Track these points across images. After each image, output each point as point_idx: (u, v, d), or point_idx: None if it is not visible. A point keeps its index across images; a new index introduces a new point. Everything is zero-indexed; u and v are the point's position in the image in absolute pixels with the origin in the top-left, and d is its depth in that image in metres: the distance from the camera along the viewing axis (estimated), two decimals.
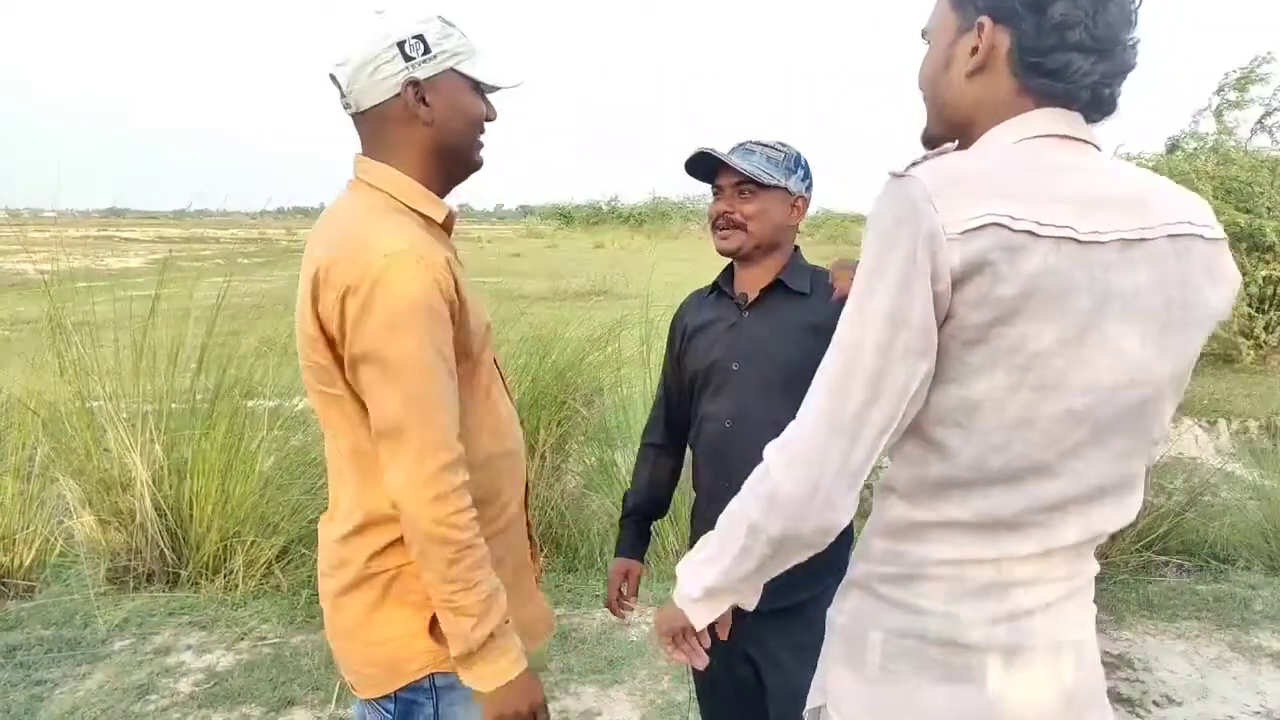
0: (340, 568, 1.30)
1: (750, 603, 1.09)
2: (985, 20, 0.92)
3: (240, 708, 2.75)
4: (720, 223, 1.70)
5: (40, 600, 3.46)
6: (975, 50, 0.93)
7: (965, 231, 0.82)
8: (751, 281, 1.73)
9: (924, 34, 1.03)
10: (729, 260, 1.79)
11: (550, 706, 2.74)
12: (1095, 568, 1.00)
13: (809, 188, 1.74)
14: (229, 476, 3.55)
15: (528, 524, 1.48)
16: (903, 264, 0.83)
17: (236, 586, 3.51)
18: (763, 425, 1.66)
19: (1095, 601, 1.01)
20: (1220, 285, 0.93)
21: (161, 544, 3.53)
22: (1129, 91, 0.95)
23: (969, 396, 0.86)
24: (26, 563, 3.55)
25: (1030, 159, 0.89)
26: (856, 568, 1.01)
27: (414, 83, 1.25)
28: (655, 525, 4.17)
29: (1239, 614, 3.43)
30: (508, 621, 1.23)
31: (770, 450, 0.93)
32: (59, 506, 3.77)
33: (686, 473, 1.91)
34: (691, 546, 1.82)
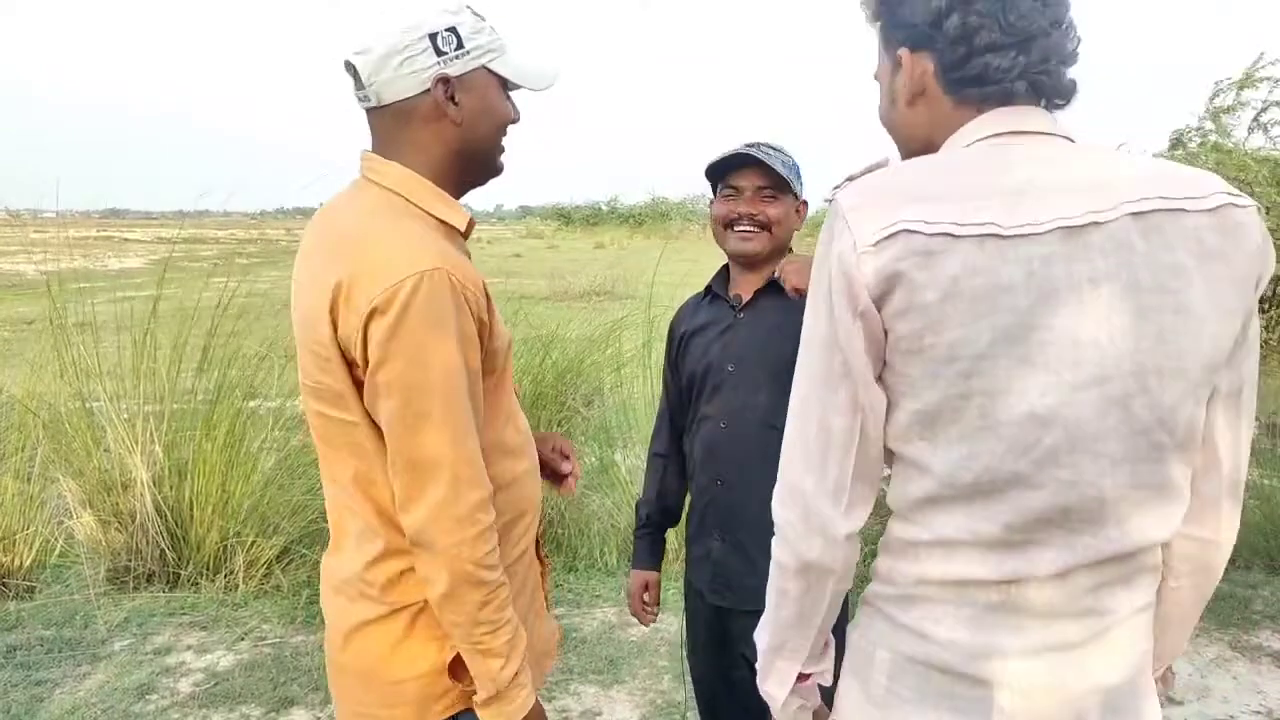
0: (358, 600, 1.21)
1: (819, 667, 1.03)
2: (903, 52, 0.95)
3: (240, 708, 2.75)
4: (744, 224, 1.68)
5: (40, 600, 3.46)
6: (906, 83, 0.96)
7: (877, 243, 0.82)
8: (748, 284, 1.74)
9: (875, 77, 1.04)
10: (725, 261, 1.80)
11: (551, 706, 2.75)
12: (1144, 598, 0.91)
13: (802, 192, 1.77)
14: (229, 477, 3.55)
15: (538, 542, 1.41)
16: (825, 287, 0.86)
17: (237, 587, 3.51)
18: (758, 426, 1.68)
19: None
20: (1213, 259, 0.82)
21: (162, 544, 3.53)
22: (1133, 88, 0.94)
23: (923, 409, 0.85)
24: (27, 563, 3.55)
25: (970, 160, 0.88)
26: (868, 586, 1.00)
27: (445, 79, 1.16)
28: None
29: (1239, 613, 3.43)
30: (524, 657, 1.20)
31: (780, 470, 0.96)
32: (59, 507, 3.77)
33: None
34: (689, 543, 1.84)
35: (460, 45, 1.17)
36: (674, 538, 3.79)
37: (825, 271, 0.86)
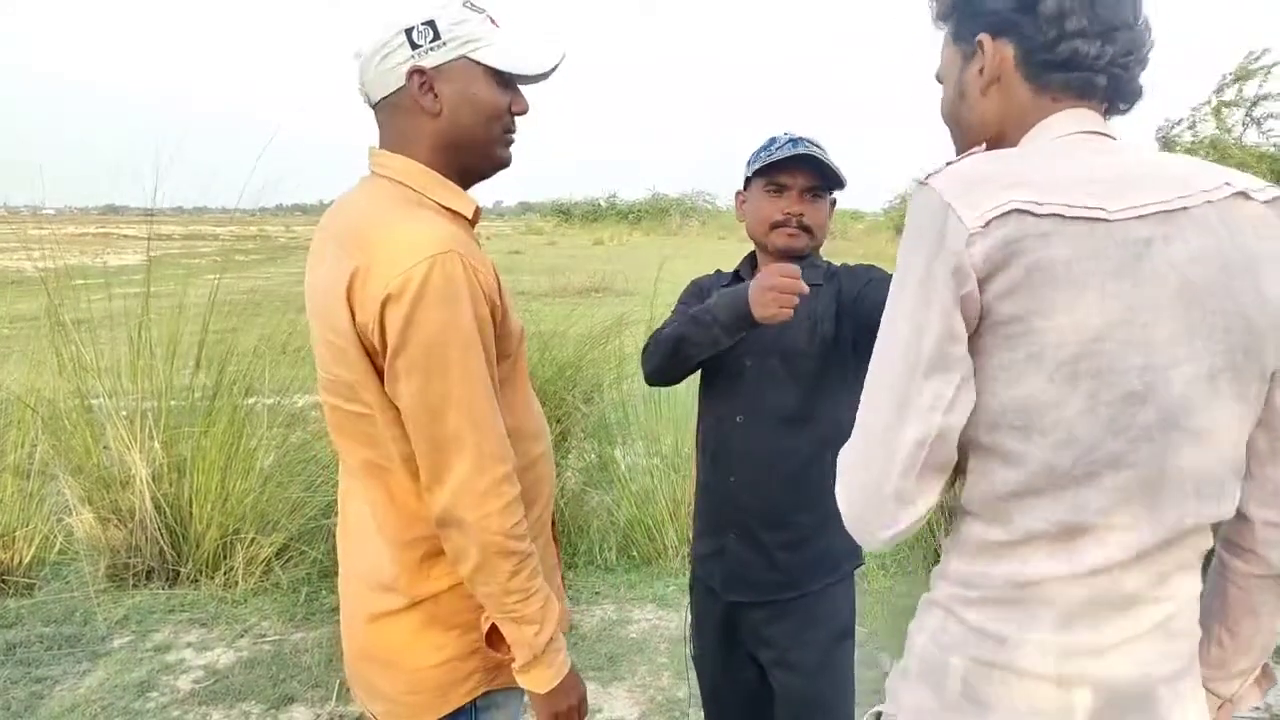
0: (378, 591, 1.24)
1: None
2: (984, 38, 0.94)
3: (240, 705, 2.75)
4: (790, 226, 1.67)
5: (40, 597, 3.46)
6: (983, 70, 0.95)
7: (988, 223, 0.80)
8: None
9: (937, 77, 1.04)
10: (751, 249, 1.78)
11: None
12: (1198, 585, 0.93)
13: None
14: (229, 474, 3.55)
15: (553, 522, 1.43)
16: (921, 275, 0.83)
17: (236, 584, 3.51)
18: (775, 422, 1.67)
19: None
20: (1267, 246, 0.86)
21: (161, 541, 3.53)
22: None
23: (1021, 395, 0.83)
24: (26, 560, 3.55)
25: (1061, 151, 0.89)
26: (938, 587, 0.97)
27: (419, 71, 1.18)
28: (654, 522, 4.14)
29: None
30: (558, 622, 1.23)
31: (840, 455, 0.94)
32: (58, 504, 3.77)
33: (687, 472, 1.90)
34: (697, 540, 1.81)
35: (436, 37, 1.18)
36: (674, 534, 3.80)
37: (921, 261, 0.84)
